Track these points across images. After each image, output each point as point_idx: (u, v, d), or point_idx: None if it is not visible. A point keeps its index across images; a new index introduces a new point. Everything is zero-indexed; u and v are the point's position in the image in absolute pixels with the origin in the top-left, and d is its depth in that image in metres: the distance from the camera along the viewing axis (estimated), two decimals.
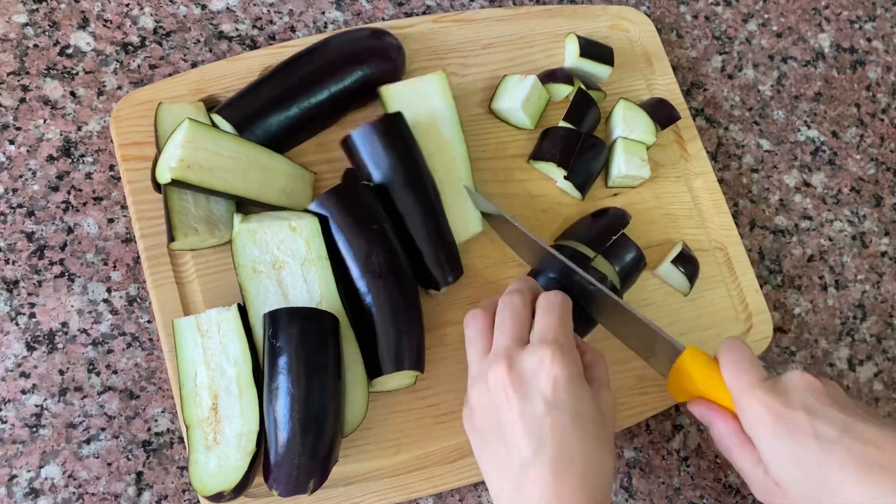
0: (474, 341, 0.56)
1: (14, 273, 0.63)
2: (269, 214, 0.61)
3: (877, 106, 0.85)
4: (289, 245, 0.60)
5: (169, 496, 0.60)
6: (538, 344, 0.53)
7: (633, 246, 0.66)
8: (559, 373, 0.51)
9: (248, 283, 0.59)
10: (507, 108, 0.71)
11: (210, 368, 0.57)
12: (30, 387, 0.61)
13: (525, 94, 0.69)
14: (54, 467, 0.59)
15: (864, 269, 0.79)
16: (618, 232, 0.66)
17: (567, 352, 0.52)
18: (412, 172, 0.63)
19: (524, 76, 0.70)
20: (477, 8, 0.79)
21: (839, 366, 0.75)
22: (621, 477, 0.67)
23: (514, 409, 0.51)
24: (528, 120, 0.70)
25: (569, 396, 0.51)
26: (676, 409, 0.70)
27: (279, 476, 0.53)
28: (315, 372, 0.54)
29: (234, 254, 0.60)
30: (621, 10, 0.80)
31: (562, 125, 0.71)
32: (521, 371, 0.52)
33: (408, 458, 0.62)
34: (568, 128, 0.70)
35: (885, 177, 0.83)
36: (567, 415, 0.50)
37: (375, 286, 0.59)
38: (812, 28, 0.87)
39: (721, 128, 0.81)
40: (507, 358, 0.52)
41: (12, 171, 0.65)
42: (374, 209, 0.62)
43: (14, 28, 0.69)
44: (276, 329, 0.55)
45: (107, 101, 0.69)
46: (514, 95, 0.70)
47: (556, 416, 0.50)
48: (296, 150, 0.68)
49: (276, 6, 0.75)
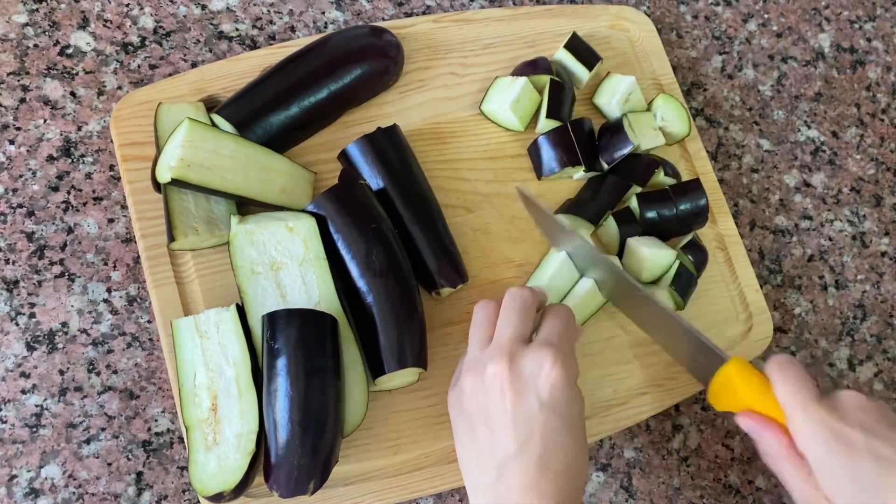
0: (481, 327, 0.57)
1: (14, 273, 0.63)
2: (266, 215, 0.61)
3: (877, 106, 0.85)
4: (286, 246, 0.60)
5: (169, 496, 0.60)
6: (543, 345, 0.53)
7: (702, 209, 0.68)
8: (558, 377, 0.52)
9: (247, 285, 0.59)
10: (496, 110, 0.70)
11: (209, 369, 0.57)
12: (30, 387, 0.61)
13: (514, 95, 0.69)
14: (54, 467, 0.59)
15: (864, 269, 0.79)
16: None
17: (569, 358, 0.54)
18: (411, 182, 0.65)
19: (515, 78, 0.70)
20: (477, 8, 0.79)
21: (839, 366, 0.75)
22: (621, 477, 0.67)
23: (508, 404, 0.52)
24: (517, 121, 0.70)
25: (564, 400, 0.52)
26: (676, 409, 0.70)
27: (279, 478, 0.53)
28: (314, 373, 0.54)
29: (232, 255, 0.60)
30: (621, 10, 0.80)
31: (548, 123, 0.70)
32: (520, 369, 0.53)
33: (408, 458, 0.62)
34: (556, 127, 0.70)
35: (885, 177, 0.83)
36: (560, 417, 0.52)
37: (375, 285, 0.59)
38: (812, 28, 0.87)
39: (721, 128, 0.81)
40: (510, 354, 0.53)
41: (12, 171, 0.65)
42: (373, 208, 0.62)
43: (14, 28, 0.69)
44: (275, 331, 0.55)
45: (107, 101, 0.69)
46: (504, 97, 0.70)
47: (549, 417, 0.51)
48: (296, 150, 0.68)
49: (276, 6, 0.75)
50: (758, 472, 0.70)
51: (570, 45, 0.73)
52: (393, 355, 0.59)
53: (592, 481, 0.67)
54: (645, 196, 0.69)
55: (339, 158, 0.66)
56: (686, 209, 0.68)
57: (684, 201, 0.68)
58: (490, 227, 0.69)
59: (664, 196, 0.69)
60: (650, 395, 0.67)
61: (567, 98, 0.71)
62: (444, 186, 0.69)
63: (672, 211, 0.68)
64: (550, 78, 0.70)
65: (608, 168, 0.70)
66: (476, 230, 0.69)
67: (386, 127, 0.66)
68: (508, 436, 0.51)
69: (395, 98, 0.71)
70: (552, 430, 0.51)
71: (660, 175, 0.69)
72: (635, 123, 0.70)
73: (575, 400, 0.53)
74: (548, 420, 0.51)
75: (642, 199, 0.69)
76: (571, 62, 0.73)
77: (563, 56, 0.73)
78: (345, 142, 0.69)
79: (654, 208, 0.68)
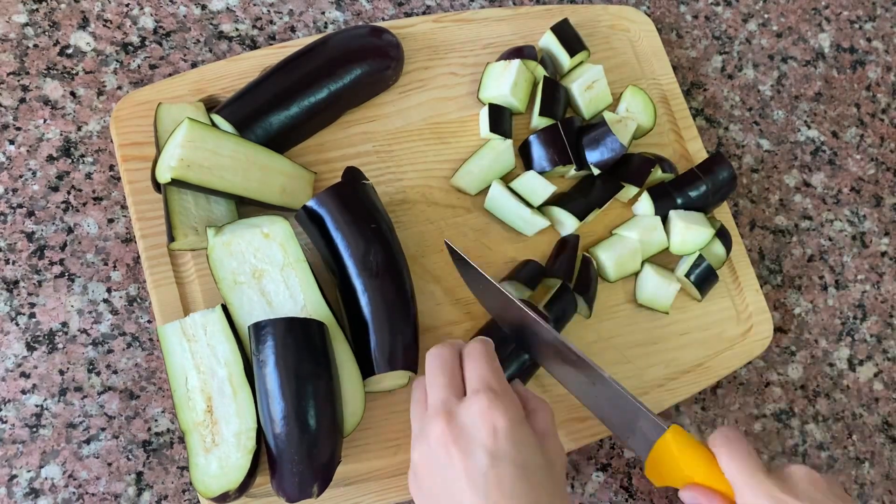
0: (417, 400, 0.55)
1: (14, 273, 0.63)
2: (241, 223, 0.60)
3: (877, 106, 0.85)
4: (265, 252, 0.59)
5: (169, 496, 0.60)
6: (472, 394, 0.50)
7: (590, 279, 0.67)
8: (498, 419, 0.49)
9: (231, 296, 0.59)
10: (497, 97, 0.70)
11: (200, 371, 0.56)
12: (30, 387, 0.61)
13: (512, 79, 0.69)
14: (54, 467, 0.59)
15: (864, 269, 0.79)
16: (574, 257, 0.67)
17: (503, 396, 0.50)
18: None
19: (508, 62, 0.70)
20: (477, 8, 0.79)
21: (839, 366, 0.75)
22: (621, 477, 0.67)
23: (458, 466, 0.48)
24: (518, 104, 0.70)
25: (511, 445, 0.48)
26: (676, 409, 0.70)
27: (283, 485, 0.54)
28: (305, 380, 0.54)
29: (213, 268, 0.59)
30: (621, 10, 0.80)
31: (541, 120, 0.70)
32: (460, 424, 0.49)
33: (408, 458, 0.62)
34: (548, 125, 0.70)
35: (885, 177, 0.83)
36: (511, 465, 0.48)
37: (371, 286, 0.59)
38: (812, 28, 0.87)
39: (721, 128, 0.81)
40: (446, 412, 0.50)
41: (12, 171, 0.65)
42: (374, 208, 0.62)
43: (14, 28, 0.69)
44: (261, 343, 0.55)
45: (107, 101, 0.69)
46: (501, 83, 0.70)
47: (500, 469, 0.47)
48: (295, 150, 0.68)
49: (276, 6, 0.75)
50: None
51: (557, 29, 0.73)
52: (384, 357, 0.58)
53: (592, 481, 0.67)
54: (674, 183, 0.71)
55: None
56: (717, 182, 0.70)
57: (712, 176, 0.70)
58: (490, 227, 0.69)
59: (692, 177, 0.70)
60: (650, 395, 0.67)
61: (561, 97, 0.71)
62: (444, 187, 0.69)
63: (705, 187, 0.70)
64: (544, 76, 0.71)
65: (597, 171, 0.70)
66: (476, 230, 0.69)
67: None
68: (468, 500, 0.47)
69: (395, 98, 0.71)
70: (507, 483, 0.47)
71: (657, 172, 0.70)
72: (611, 120, 0.70)
73: (525, 443, 0.49)
74: (499, 472, 0.47)
75: (672, 186, 0.70)
76: (556, 46, 0.73)
77: (548, 40, 0.73)
78: (345, 141, 0.69)
79: (686, 191, 0.70)
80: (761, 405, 0.72)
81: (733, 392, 0.72)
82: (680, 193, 0.70)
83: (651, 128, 0.73)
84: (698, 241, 0.68)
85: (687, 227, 0.68)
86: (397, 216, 0.68)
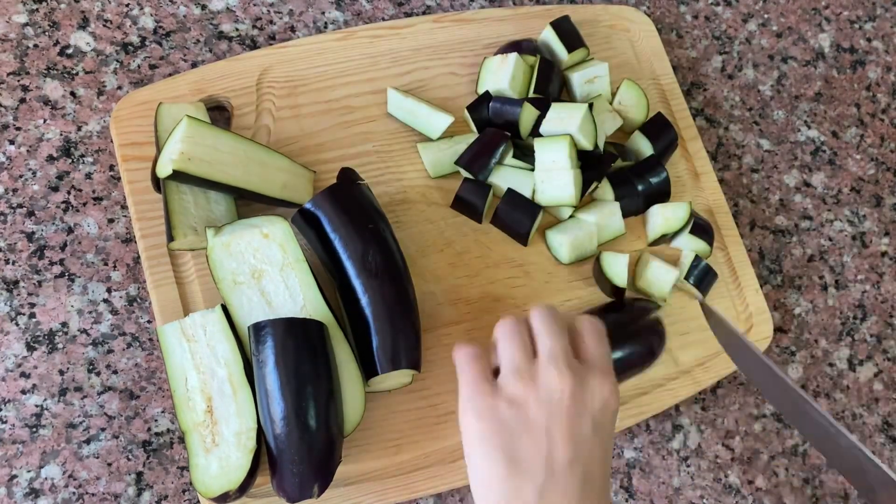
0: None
1: (14, 273, 0.63)
2: (240, 223, 0.60)
3: (877, 106, 0.85)
4: (264, 252, 0.59)
5: (169, 496, 0.60)
6: (603, 371, 0.53)
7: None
8: (615, 406, 0.53)
9: (231, 296, 0.59)
10: (496, 91, 0.70)
11: (200, 372, 0.56)
12: (30, 387, 0.61)
13: (510, 73, 0.69)
14: (54, 467, 0.59)
15: (864, 269, 0.79)
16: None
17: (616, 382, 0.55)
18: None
19: (505, 56, 0.70)
20: (477, 8, 0.79)
21: (839, 366, 0.75)
22: (621, 477, 0.67)
23: (565, 419, 0.51)
24: (516, 96, 0.70)
25: (610, 426, 0.53)
26: (676, 409, 0.70)
27: (283, 485, 0.54)
28: (305, 380, 0.54)
29: (212, 269, 0.59)
30: (621, 10, 0.80)
31: (532, 95, 0.71)
32: (583, 389, 0.52)
33: (408, 458, 0.62)
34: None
35: (885, 177, 0.83)
36: (607, 440, 0.53)
37: (371, 286, 0.59)
38: (812, 28, 0.87)
39: (721, 128, 0.81)
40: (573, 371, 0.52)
41: (12, 171, 0.65)
42: (371, 208, 0.62)
43: (14, 28, 0.69)
44: (260, 343, 0.55)
45: (107, 101, 0.69)
46: (500, 77, 0.70)
47: (597, 440, 0.52)
48: (294, 150, 0.68)
49: (276, 6, 0.75)
50: (758, 472, 0.70)
51: (556, 25, 0.73)
52: (386, 356, 0.58)
53: None
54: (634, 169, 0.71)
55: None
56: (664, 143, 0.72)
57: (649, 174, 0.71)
58: (490, 228, 0.69)
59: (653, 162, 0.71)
60: (650, 395, 0.67)
61: (556, 77, 0.71)
62: (444, 187, 0.69)
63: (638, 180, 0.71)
64: (540, 55, 0.71)
65: None
66: (476, 230, 0.69)
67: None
68: (560, 452, 0.50)
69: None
70: (599, 452, 0.52)
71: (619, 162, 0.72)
72: (597, 111, 0.70)
73: (612, 433, 0.54)
74: (595, 444, 0.52)
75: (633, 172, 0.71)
76: (554, 40, 0.73)
77: (548, 35, 0.73)
78: (344, 141, 0.69)
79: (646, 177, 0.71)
80: (761, 405, 0.72)
81: (733, 392, 0.72)
82: (640, 180, 0.71)
83: (642, 122, 0.73)
84: (679, 215, 0.69)
85: (663, 207, 0.70)
86: (397, 216, 0.68)
